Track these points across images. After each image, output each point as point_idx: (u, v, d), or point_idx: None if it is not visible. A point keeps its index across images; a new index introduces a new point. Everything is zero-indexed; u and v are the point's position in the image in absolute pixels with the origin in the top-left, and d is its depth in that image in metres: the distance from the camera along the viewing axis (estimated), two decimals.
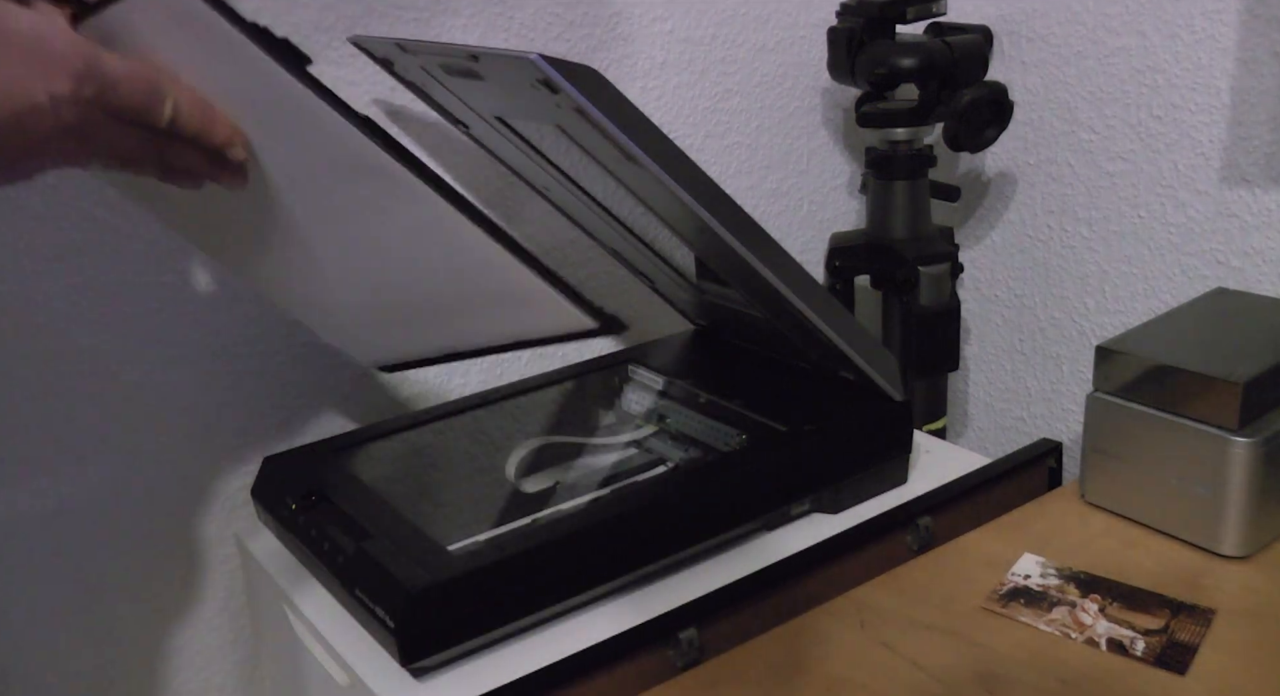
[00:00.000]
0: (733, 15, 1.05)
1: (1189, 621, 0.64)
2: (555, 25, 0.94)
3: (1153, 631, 0.64)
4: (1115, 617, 0.65)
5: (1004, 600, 0.68)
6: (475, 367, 0.98)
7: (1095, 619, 0.65)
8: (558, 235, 1.00)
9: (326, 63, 0.84)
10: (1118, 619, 0.65)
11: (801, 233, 1.18)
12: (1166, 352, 0.72)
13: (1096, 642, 0.63)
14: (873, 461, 0.78)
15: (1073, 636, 0.64)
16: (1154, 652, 0.62)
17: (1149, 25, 0.99)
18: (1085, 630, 0.64)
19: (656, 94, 1.02)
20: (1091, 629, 0.64)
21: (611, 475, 0.83)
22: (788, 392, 0.83)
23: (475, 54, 0.64)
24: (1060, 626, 0.65)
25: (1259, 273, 0.96)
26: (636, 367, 0.92)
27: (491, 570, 0.63)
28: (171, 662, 0.88)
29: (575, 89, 0.59)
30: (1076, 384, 1.14)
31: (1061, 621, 0.65)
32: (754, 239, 0.68)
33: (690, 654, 0.64)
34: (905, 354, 1.05)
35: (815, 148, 1.16)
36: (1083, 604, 0.67)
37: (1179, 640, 0.63)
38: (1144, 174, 1.03)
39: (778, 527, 0.76)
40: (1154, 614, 0.65)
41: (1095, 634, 0.64)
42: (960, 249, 1.13)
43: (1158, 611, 0.65)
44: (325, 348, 0.89)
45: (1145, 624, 0.64)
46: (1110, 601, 0.67)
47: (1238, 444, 0.68)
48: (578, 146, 0.66)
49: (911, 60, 0.98)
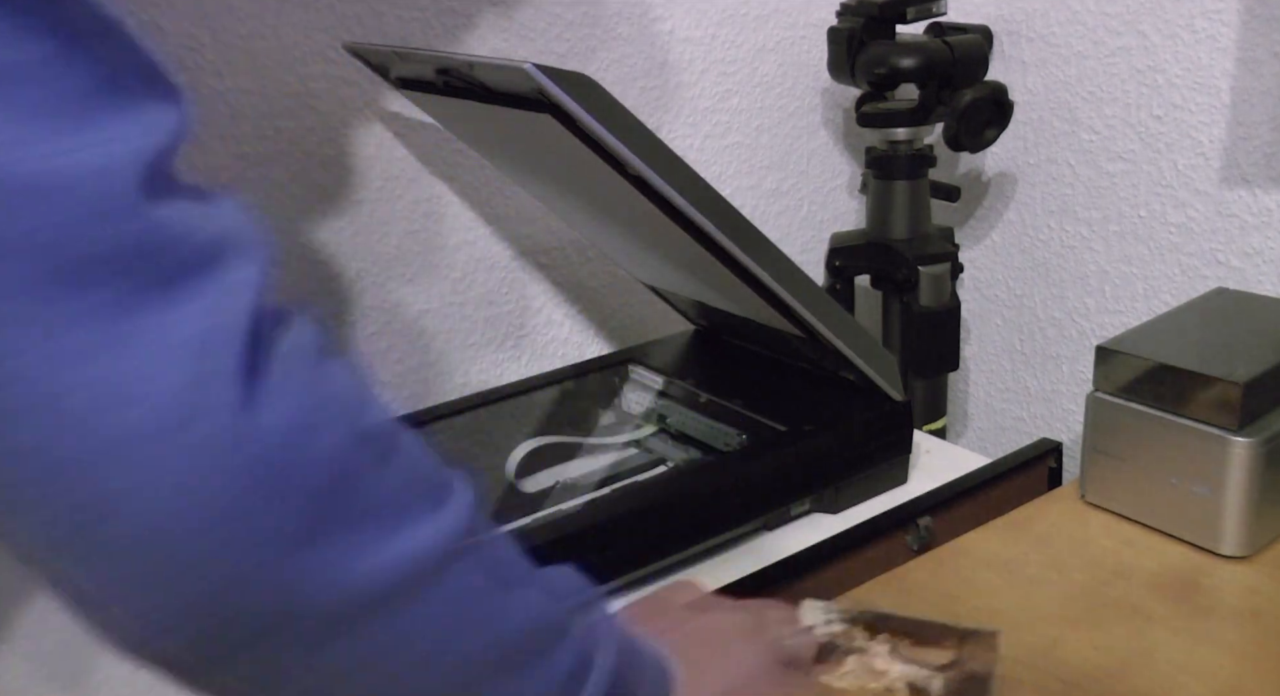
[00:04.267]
0: (733, 15, 1.05)
1: (977, 648, 0.61)
2: (555, 25, 0.94)
3: (945, 666, 0.60)
4: (908, 657, 0.61)
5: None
6: (475, 367, 0.98)
7: (889, 663, 0.61)
8: (558, 235, 1.00)
9: (327, 63, 0.84)
10: (910, 658, 0.61)
11: (801, 233, 1.18)
12: (1166, 352, 0.72)
13: (896, 690, 0.59)
14: (873, 461, 0.78)
15: (870, 686, 0.60)
16: (952, 690, 0.59)
17: (1149, 25, 0.99)
18: (881, 677, 0.60)
19: (656, 94, 1.02)
20: (887, 675, 0.60)
21: (611, 475, 0.83)
22: (788, 392, 0.83)
23: (471, 62, 0.65)
24: (855, 678, 0.60)
25: (1259, 273, 0.96)
26: (636, 367, 0.93)
27: None
28: None
29: (569, 96, 0.59)
30: (1076, 384, 1.14)
31: (856, 672, 0.61)
32: (751, 242, 0.69)
33: None
34: (905, 354, 1.05)
35: (815, 148, 1.16)
36: (873, 647, 0.62)
37: (971, 671, 0.60)
38: (1144, 174, 1.03)
39: (778, 527, 0.76)
40: (943, 646, 0.62)
41: (892, 679, 0.60)
42: (960, 249, 1.13)
43: (945, 643, 0.62)
44: None
45: (936, 659, 0.61)
46: (900, 639, 0.62)
47: (1238, 444, 0.68)
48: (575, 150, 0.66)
49: (911, 60, 0.98)
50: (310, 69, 0.84)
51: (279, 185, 0.84)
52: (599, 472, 0.83)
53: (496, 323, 0.98)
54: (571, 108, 0.59)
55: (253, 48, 0.81)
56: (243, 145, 0.82)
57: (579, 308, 1.03)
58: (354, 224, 0.89)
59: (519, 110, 0.66)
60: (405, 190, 0.91)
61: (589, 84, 0.60)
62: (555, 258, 1.00)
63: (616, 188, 0.68)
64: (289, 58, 0.83)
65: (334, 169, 0.87)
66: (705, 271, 0.77)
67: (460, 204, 0.94)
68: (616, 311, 1.06)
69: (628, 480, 0.80)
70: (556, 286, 1.01)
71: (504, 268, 0.98)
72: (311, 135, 0.85)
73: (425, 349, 0.95)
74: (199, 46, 0.79)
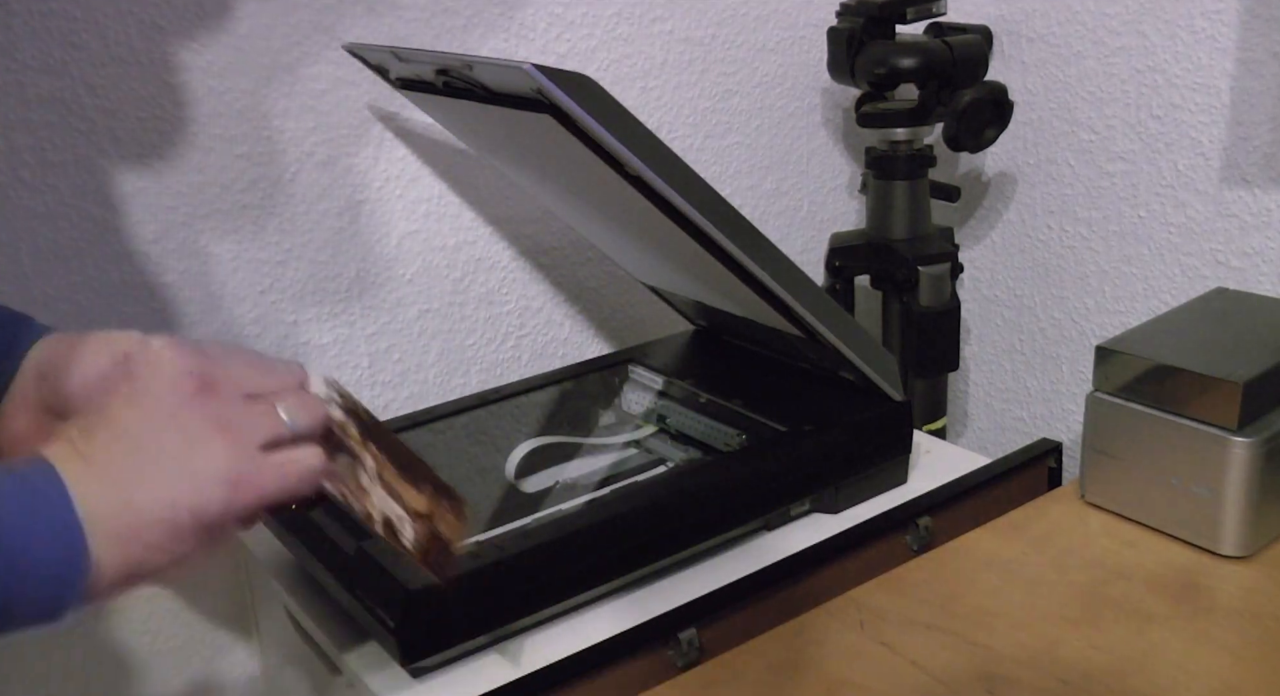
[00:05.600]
0: (733, 15, 1.05)
1: (449, 511, 0.55)
2: (555, 25, 0.94)
3: (419, 514, 0.55)
4: (389, 485, 0.55)
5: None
6: (475, 367, 0.98)
7: (372, 484, 0.54)
8: (558, 235, 1.00)
9: (327, 63, 0.84)
10: (391, 489, 0.55)
11: (801, 233, 1.18)
12: (1166, 352, 0.72)
13: (374, 519, 0.53)
14: (873, 461, 0.78)
15: (351, 504, 0.53)
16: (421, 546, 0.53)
17: (1149, 25, 0.99)
18: (362, 495, 0.54)
19: (656, 94, 1.02)
20: (369, 496, 0.54)
21: (611, 475, 0.83)
22: (788, 392, 0.83)
23: (470, 62, 0.65)
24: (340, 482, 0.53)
25: (1259, 273, 0.96)
26: (636, 368, 0.93)
27: (491, 570, 0.63)
28: (171, 662, 0.88)
29: (568, 96, 0.59)
30: (1076, 384, 1.14)
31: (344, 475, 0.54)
32: (751, 242, 0.69)
33: (690, 654, 0.64)
34: (905, 354, 1.05)
35: (815, 148, 1.16)
36: (363, 457, 0.55)
37: (440, 533, 0.54)
38: (1144, 174, 1.03)
39: (778, 527, 0.76)
40: (421, 490, 0.55)
41: (372, 502, 0.54)
42: (960, 249, 1.13)
43: (424, 488, 0.55)
44: (325, 348, 0.89)
45: (413, 502, 0.55)
46: (385, 462, 0.55)
47: (1238, 444, 0.68)
48: (575, 150, 0.66)
49: (911, 60, 0.98)
50: (310, 69, 0.84)
51: (279, 185, 0.84)
52: (599, 472, 0.83)
53: (496, 323, 0.98)
54: (571, 108, 0.59)
55: (253, 48, 0.81)
56: (243, 145, 0.82)
57: (579, 308, 1.03)
58: (354, 224, 0.89)
59: (519, 110, 0.66)
60: (405, 190, 0.91)
61: (589, 84, 0.60)
62: (555, 258, 1.01)
63: (616, 188, 0.68)
64: (289, 58, 0.83)
65: (334, 169, 0.87)
66: (705, 271, 0.77)
67: (460, 204, 0.94)
68: (616, 311, 1.06)
69: (628, 480, 0.80)
70: (556, 286, 1.01)
71: (504, 268, 0.98)
72: (311, 135, 0.85)
73: (425, 349, 0.95)
74: (199, 47, 0.79)
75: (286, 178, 0.85)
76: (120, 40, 0.76)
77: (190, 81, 0.79)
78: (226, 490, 0.45)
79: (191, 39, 0.79)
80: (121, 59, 0.76)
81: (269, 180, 0.84)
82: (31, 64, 0.74)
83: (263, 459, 0.47)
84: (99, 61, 0.76)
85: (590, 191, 0.77)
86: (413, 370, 0.95)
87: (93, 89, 0.76)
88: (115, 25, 0.76)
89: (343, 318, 0.90)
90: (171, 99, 0.79)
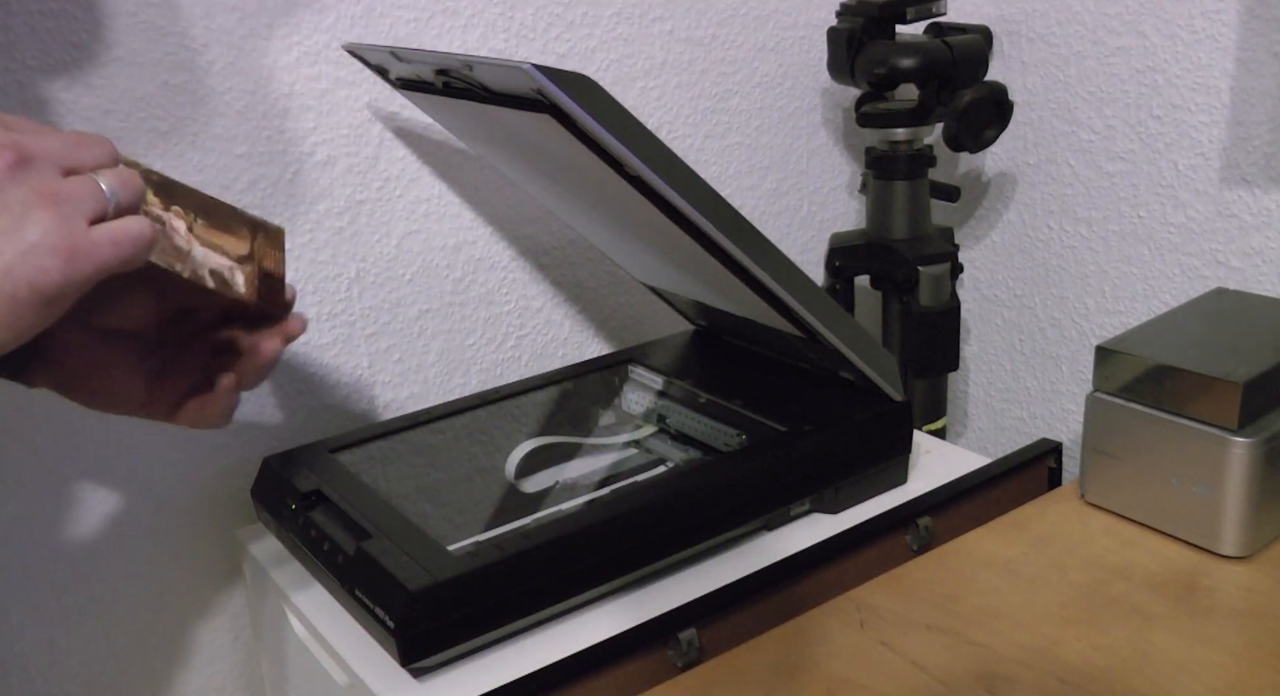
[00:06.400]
0: (733, 15, 1.05)
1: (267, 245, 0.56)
2: (555, 25, 0.94)
3: (244, 257, 0.55)
4: (205, 240, 0.54)
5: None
6: (475, 367, 0.98)
7: (189, 242, 0.54)
8: (558, 235, 1.00)
9: (327, 63, 0.84)
10: (208, 242, 0.55)
11: (801, 233, 1.18)
12: (1166, 353, 0.72)
13: (203, 277, 0.53)
14: (872, 461, 0.78)
15: (178, 269, 0.53)
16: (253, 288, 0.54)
17: (1149, 25, 0.99)
18: (184, 258, 0.53)
19: (656, 94, 1.02)
20: (190, 256, 0.53)
21: (611, 475, 0.83)
22: (788, 392, 0.83)
23: (469, 62, 0.65)
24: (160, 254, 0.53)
25: (1259, 273, 0.96)
26: (636, 368, 0.93)
27: (491, 570, 0.63)
28: (171, 662, 0.88)
29: (568, 96, 0.59)
30: (1076, 384, 1.14)
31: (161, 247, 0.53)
32: (751, 242, 0.69)
33: (690, 654, 0.64)
34: (905, 354, 1.05)
35: (815, 148, 1.16)
36: (170, 220, 0.54)
37: (266, 270, 0.55)
38: (1144, 174, 1.03)
39: (778, 527, 0.76)
40: (237, 235, 0.56)
41: (196, 263, 0.53)
42: (960, 249, 1.13)
43: (239, 231, 0.56)
44: (325, 348, 0.89)
45: (234, 248, 0.55)
46: (194, 217, 0.55)
47: (1238, 444, 0.68)
48: (575, 150, 0.66)
49: (911, 60, 0.98)
50: (310, 69, 0.84)
51: (279, 185, 0.84)
52: (599, 472, 0.83)
53: (496, 323, 0.98)
54: (571, 108, 0.59)
55: (253, 48, 0.81)
56: (243, 145, 0.82)
57: (579, 308, 1.03)
58: (354, 224, 0.89)
59: (519, 110, 0.66)
60: (405, 190, 0.91)
61: (589, 84, 0.60)
62: (555, 258, 1.01)
63: (616, 188, 0.68)
64: (289, 58, 0.83)
65: (334, 169, 0.87)
66: (705, 271, 0.77)
67: (460, 204, 0.94)
68: (616, 311, 1.06)
69: (628, 480, 0.80)
70: (556, 286, 1.01)
71: (504, 268, 0.98)
72: (311, 135, 0.85)
73: (425, 349, 0.95)
74: (199, 46, 0.79)
75: (286, 178, 0.85)
76: (120, 40, 0.76)
77: (190, 81, 0.79)
78: (61, 260, 0.45)
79: (191, 39, 0.79)
80: (121, 59, 0.77)
81: (269, 180, 0.84)
82: (31, 64, 0.74)
83: (94, 230, 0.47)
84: (99, 61, 0.76)
85: (590, 191, 0.77)
86: (413, 370, 0.95)
87: (93, 89, 0.76)
88: (115, 25, 0.76)
89: (343, 318, 0.90)
90: (171, 99, 0.79)
